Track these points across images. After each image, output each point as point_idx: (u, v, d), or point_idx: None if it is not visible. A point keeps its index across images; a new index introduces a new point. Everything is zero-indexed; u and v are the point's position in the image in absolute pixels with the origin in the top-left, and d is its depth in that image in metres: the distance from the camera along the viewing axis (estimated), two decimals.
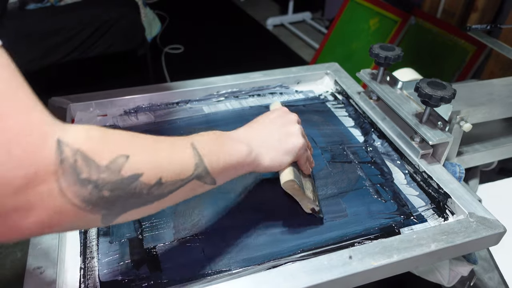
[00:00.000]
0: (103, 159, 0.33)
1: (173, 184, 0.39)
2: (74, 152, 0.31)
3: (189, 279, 0.49)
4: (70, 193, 0.31)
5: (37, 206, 0.30)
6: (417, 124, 0.65)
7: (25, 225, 0.30)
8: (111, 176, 0.33)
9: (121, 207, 0.35)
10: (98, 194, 0.33)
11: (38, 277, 0.45)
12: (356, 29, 2.15)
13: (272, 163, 0.53)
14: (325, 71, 0.90)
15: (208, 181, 0.44)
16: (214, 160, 0.44)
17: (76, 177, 0.31)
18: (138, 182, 0.35)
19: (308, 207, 0.57)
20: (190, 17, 3.01)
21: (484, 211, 0.57)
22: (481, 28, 0.87)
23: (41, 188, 0.29)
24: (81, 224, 0.35)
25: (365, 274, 0.49)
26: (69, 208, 0.32)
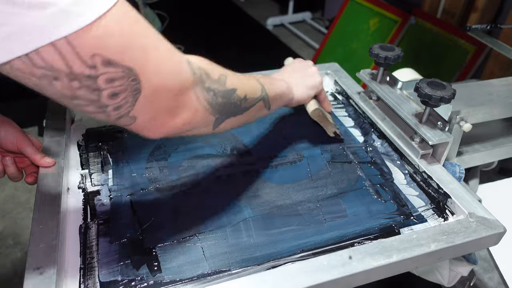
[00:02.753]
0: (214, 74, 0.46)
1: (253, 101, 0.53)
2: (198, 68, 0.43)
3: (189, 279, 0.49)
4: (201, 96, 0.43)
5: (185, 106, 0.42)
6: (417, 124, 0.65)
7: (178, 120, 0.42)
8: (221, 87, 0.46)
9: (226, 113, 0.48)
10: (216, 100, 0.45)
11: (38, 277, 0.45)
12: (356, 29, 2.14)
13: (302, 96, 0.68)
14: (325, 71, 0.90)
15: (267, 104, 0.57)
16: (269, 88, 0.58)
17: (203, 85, 0.43)
18: (235, 95, 0.49)
19: (332, 131, 0.72)
20: (190, 17, 3.01)
21: (484, 211, 0.57)
22: (481, 28, 0.87)
23: (187, 94, 0.41)
24: (204, 124, 0.46)
25: (365, 274, 0.49)
26: (201, 109, 0.44)
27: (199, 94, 0.43)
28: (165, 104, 0.40)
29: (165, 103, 0.40)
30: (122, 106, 0.37)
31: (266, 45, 2.75)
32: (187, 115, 0.42)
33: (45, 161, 0.60)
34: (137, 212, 0.58)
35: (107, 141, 0.71)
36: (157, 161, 0.67)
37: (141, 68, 0.36)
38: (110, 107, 0.37)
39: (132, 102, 0.37)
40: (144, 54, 0.36)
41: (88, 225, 0.56)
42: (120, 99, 0.36)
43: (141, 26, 0.37)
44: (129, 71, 0.35)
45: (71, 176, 0.64)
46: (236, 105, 0.49)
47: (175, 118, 0.42)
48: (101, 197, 0.60)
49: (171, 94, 0.40)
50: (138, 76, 0.36)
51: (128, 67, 0.35)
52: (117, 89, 0.35)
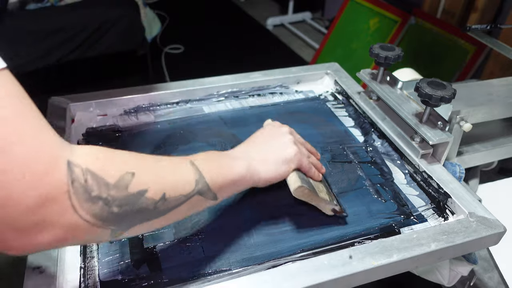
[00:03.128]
0: (111, 177, 0.35)
1: (177, 200, 0.41)
2: (84, 172, 0.33)
3: (189, 279, 0.49)
4: (82, 210, 0.33)
5: (51, 223, 0.31)
6: (417, 124, 0.66)
7: (41, 240, 0.31)
8: (119, 193, 0.35)
9: (129, 222, 0.37)
10: (108, 210, 0.34)
11: (38, 276, 0.45)
12: (356, 29, 2.15)
13: (270, 175, 0.54)
14: (325, 71, 0.90)
15: (209, 196, 0.45)
16: (214, 176, 0.46)
17: (88, 195, 0.33)
18: (144, 198, 0.37)
19: (328, 209, 0.57)
20: (190, 17, 3.01)
21: (484, 211, 0.57)
22: (481, 28, 0.87)
23: (54, 207, 0.31)
24: (92, 239, 0.36)
25: (365, 274, 0.49)
26: (82, 224, 0.33)
27: (78, 207, 0.32)
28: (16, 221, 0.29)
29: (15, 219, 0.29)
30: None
31: (266, 45, 2.75)
32: (57, 234, 0.32)
33: None
34: None
35: (107, 141, 0.71)
36: None
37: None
38: None
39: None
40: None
41: None
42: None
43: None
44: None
45: None
46: (147, 210, 0.38)
47: (37, 238, 0.31)
48: None
49: (23, 210, 0.29)
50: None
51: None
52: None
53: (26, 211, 0.29)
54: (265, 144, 0.57)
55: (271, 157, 0.55)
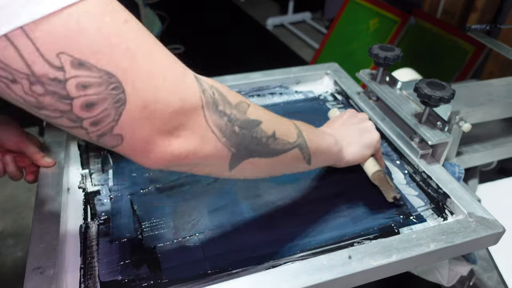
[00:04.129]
0: (232, 98, 0.38)
1: (284, 144, 0.43)
2: (210, 87, 0.36)
3: (189, 279, 0.50)
4: (211, 120, 0.36)
5: (188, 128, 0.34)
6: (417, 124, 0.66)
7: (179, 146, 0.34)
8: (239, 115, 0.38)
9: (245, 149, 0.39)
10: (231, 128, 0.37)
11: (38, 277, 0.45)
12: (356, 29, 2.15)
13: (354, 156, 0.57)
14: (324, 71, 0.90)
15: (306, 156, 0.48)
16: (310, 137, 0.48)
17: (215, 107, 0.36)
18: (259, 128, 0.40)
19: (391, 196, 0.60)
20: (190, 17, 3.01)
21: (483, 211, 0.57)
22: (480, 28, 0.87)
23: (192, 113, 0.34)
24: (214, 159, 0.38)
25: (365, 274, 0.49)
26: (210, 136, 0.36)
27: (208, 117, 0.35)
28: (161, 123, 0.32)
29: (160, 121, 0.32)
30: (102, 121, 0.30)
31: (266, 45, 2.75)
32: (191, 142, 0.35)
33: (45, 161, 0.60)
34: (137, 212, 0.58)
35: None
36: None
37: (124, 74, 0.29)
38: (86, 121, 0.30)
39: (115, 116, 0.30)
40: (129, 57, 0.30)
41: (88, 225, 0.56)
42: (97, 111, 0.29)
43: (130, 27, 0.31)
44: (108, 76, 0.29)
45: (72, 176, 0.64)
46: (261, 142, 0.40)
47: (176, 143, 0.34)
48: (101, 197, 0.60)
49: (168, 111, 0.32)
50: (120, 84, 0.29)
51: (107, 72, 0.29)
52: (92, 98, 0.29)
53: (170, 114, 0.32)
54: (349, 127, 0.59)
55: (356, 140, 0.57)
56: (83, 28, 0.27)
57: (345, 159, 0.56)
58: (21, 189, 1.59)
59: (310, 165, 0.49)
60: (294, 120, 0.48)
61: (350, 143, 0.57)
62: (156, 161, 0.34)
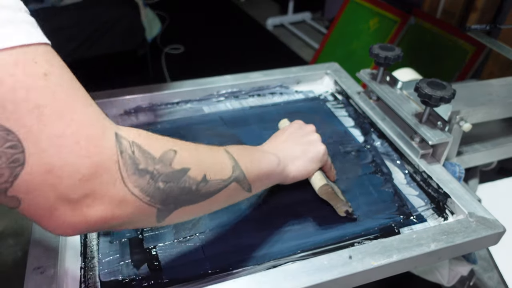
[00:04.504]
0: (156, 151, 0.35)
1: (217, 184, 0.41)
2: (131, 144, 0.34)
3: (189, 279, 0.50)
4: (130, 182, 0.33)
5: (102, 194, 0.31)
6: (417, 124, 0.66)
7: (91, 213, 0.31)
8: (164, 168, 0.35)
9: (174, 202, 0.37)
10: (155, 185, 0.35)
11: (39, 276, 0.45)
12: (356, 29, 2.15)
13: (300, 172, 0.55)
14: (325, 71, 0.90)
15: (245, 186, 0.46)
16: (248, 165, 0.46)
17: (135, 167, 0.33)
18: (187, 177, 0.37)
19: (342, 210, 0.58)
20: (190, 17, 3.01)
21: (484, 211, 0.57)
22: (480, 28, 0.87)
23: (106, 177, 0.31)
24: (138, 218, 0.36)
25: (365, 274, 0.49)
26: (130, 198, 0.33)
27: (126, 180, 0.33)
28: (68, 191, 0.30)
29: (67, 188, 0.29)
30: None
31: (266, 45, 2.75)
32: (107, 208, 0.32)
33: None
34: None
35: None
36: None
37: (27, 133, 0.27)
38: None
39: (9, 177, 0.28)
40: (37, 115, 0.27)
41: None
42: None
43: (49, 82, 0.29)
44: (6, 133, 0.27)
45: None
46: (190, 191, 0.38)
47: (88, 212, 0.31)
48: None
49: (77, 177, 0.30)
50: (20, 142, 0.27)
51: (4, 128, 0.26)
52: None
53: (80, 180, 0.30)
54: (293, 141, 0.57)
55: (300, 155, 0.56)
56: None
57: (290, 176, 0.54)
58: None
59: (252, 192, 0.48)
60: (230, 148, 0.46)
61: (295, 159, 0.55)
62: (64, 230, 0.32)
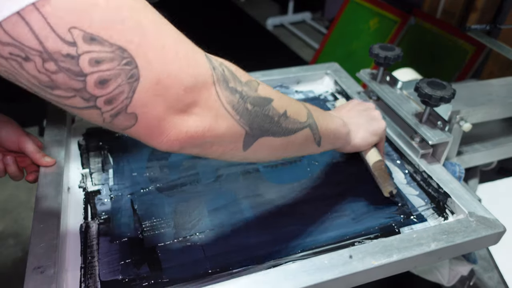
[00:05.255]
0: (242, 76, 0.38)
1: (295, 123, 0.43)
2: (220, 64, 0.36)
3: (189, 279, 0.50)
4: (224, 97, 0.35)
5: (201, 105, 0.34)
6: (417, 124, 0.66)
7: (192, 124, 0.34)
8: (251, 92, 0.38)
9: (259, 128, 0.39)
10: (244, 105, 0.37)
11: (39, 276, 0.45)
12: (356, 29, 2.15)
13: (362, 142, 0.58)
14: (325, 71, 0.90)
15: (316, 136, 0.48)
16: (320, 119, 0.48)
17: (226, 84, 0.36)
18: (270, 106, 0.40)
19: (388, 190, 0.59)
20: (190, 17, 3.01)
21: (484, 210, 0.57)
22: (480, 28, 0.87)
23: (204, 89, 0.34)
24: (229, 138, 0.37)
25: (365, 274, 0.49)
26: (224, 113, 0.36)
27: (220, 94, 0.35)
28: (174, 100, 0.32)
29: (173, 97, 0.32)
30: (116, 99, 0.30)
31: (266, 45, 2.75)
32: (206, 120, 0.34)
33: (45, 161, 0.60)
34: (137, 212, 0.58)
35: (107, 141, 0.71)
36: (157, 161, 0.67)
37: (137, 49, 0.29)
38: (100, 100, 0.29)
39: (129, 93, 0.30)
40: (140, 31, 0.29)
41: (89, 224, 0.56)
42: (111, 88, 0.29)
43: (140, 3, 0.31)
44: (121, 51, 0.28)
45: (72, 175, 0.64)
46: (273, 121, 0.40)
47: (190, 121, 0.33)
48: (102, 197, 0.60)
49: (182, 87, 0.32)
50: (133, 59, 0.29)
51: (119, 46, 0.28)
52: (105, 74, 0.28)
53: (184, 91, 0.32)
54: (357, 113, 0.59)
55: (364, 126, 0.58)
56: (93, 2, 0.27)
57: (352, 142, 0.57)
58: (21, 189, 1.59)
59: (320, 147, 0.50)
60: (303, 102, 0.48)
61: (358, 128, 0.57)
62: (170, 141, 0.33)
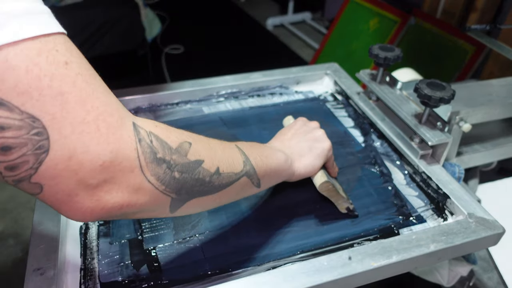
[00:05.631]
0: (173, 142, 0.36)
1: (229, 177, 0.42)
2: (148, 134, 0.35)
3: (189, 280, 0.50)
4: (148, 171, 0.34)
5: (121, 181, 0.32)
6: (417, 124, 0.66)
7: (109, 199, 0.32)
8: (180, 159, 0.37)
9: (187, 193, 0.38)
10: (171, 174, 0.36)
11: (39, 278, 0.45)
12: (356, 29, 2.15)
13: (306, 169, 0.56)
14: (324, 72, 0.90)
15: (255, 181, 0.47)
16: (258, 161, 0.47)
17: (153, 156, 0.34)
18: (201, 168, 0.39)
19: (343, 207, 0.59)
20: (190, 17, 3.01)
21: (483, 211, 0.57)
22: (480, 28, 0.87)
23: (125, 164, 0.32)
24: (152, 207, 0.37)
25: (365, 275, 0.49)
26: (146, 186, 0.34)
27: (144, 168, 0.33)
28: (88, 176, 0.30)
29: (87, 174, 0.30)
30: (19, 167, 0.28)
31: (266, 45, 2.75)
32: (124, 195, 0.33)
33: None
34: None
35: None
36: None
37: (52, 120, 0.28)
38: (1, 165, 0.28)
39: (34, 164, 0.28)
40: (60, 102, 0.28)
41: (89, 225, 0.56)
42: (14, 156, 0.28)
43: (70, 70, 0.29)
44: (31, 120, 0.27)
45: None
46: (204, 183, 0.39)
47: (106, 197, 0.32)
48: None
49: (98, 163, 0.30)
50: (45, 130, 0.28)
51: (30, 115, 0.27)
52: (9, 141, 0.27)
53: (100, 166, 0.31)
54: (299, 138, 0.58)
55: (307, 152, 0.56)
56: (11, 66, 0.26)
57: (297, 172, 0.55)
58: None
59: (260, 188, 0.49)
60: (240, 143, 0.47)
61: (301, 157, 0.56)
62: (82, 215, 0.32)
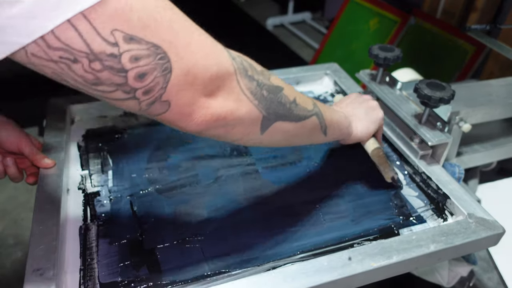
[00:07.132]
0: (257, 66, 0.44)
1: (304, 110, 0.48)
2: (238, 55, 0.42)
3: (188, 280, 0.50)
4: (243, 84, 0.40)
5: (224, 90, 0.39)
6: (416, 125, 0.66)
7: (217, 107, 0.39)
8: (265, 81, 0.43)
9: (274, 113, 0.44)
10: (260, 91, 0.42)
11: (38, 278, 0.45)
12: (356, 29, 2.14)
13: (362, 131, 0.62)
14: (324, 72, 0.90)
15: (323, 125, 0.52)
16: (324, 109, 0.53)
17: (245, 72, 0.41)
18: (282, 94, 0.45)
19: (389, 176, 0.61)
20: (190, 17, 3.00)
21: (483, 212, 0.57)
22: (480, 28, 0.87)
23: (226, 77, 0.39)
24: (249, 120, 0.42)
25: (365, 275, 0.49)
26: (244, 98, 0.41)
27: (240, 81, 0.40)
28: (201, 87, 0.37)
29: (200, 85, 0.37)
30: (153, 89, 0.34)
31: (266, 45, 2.75)
32: (229, 103, 0.39)
33: (45, 162, 0.60)
34: (137, 213, 0.58)
35: (107, 142, 0.71)
36: (156, 162, 0.67)
37: (169, 45, 0.34)
38: (139, 91, 0.34)
39: (163, 83, 0.34)
40: (171, 31, 0.34)
41: (88, 226, 0.56)
42: (148, 80, 0.34)
43: (169, 6, 0.35)
44: (155, 48, 0.33)
45: (71, 177, 0.64)
46: (285, 107, 0.46)
47: (215, 104, 0.39)
48: (101, 198, 0.60)
49: (207, 76, 0.37)
50: (166, 54, 0.34)
51: (153, 44, 0.33)
52: (143, 68, 0.33)
53: (209, 78, 0.37)
54: (356, 106, 0.63)
55: (363, 117, 0.62)
56: (131, 6, 0.31)
57: (354, 133, 0.61)
58: (21, 190, 1.59)
59: (326, 136, 0.54)
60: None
61: (358, 120, 0.61)
62: (198, 123, 0.38)
